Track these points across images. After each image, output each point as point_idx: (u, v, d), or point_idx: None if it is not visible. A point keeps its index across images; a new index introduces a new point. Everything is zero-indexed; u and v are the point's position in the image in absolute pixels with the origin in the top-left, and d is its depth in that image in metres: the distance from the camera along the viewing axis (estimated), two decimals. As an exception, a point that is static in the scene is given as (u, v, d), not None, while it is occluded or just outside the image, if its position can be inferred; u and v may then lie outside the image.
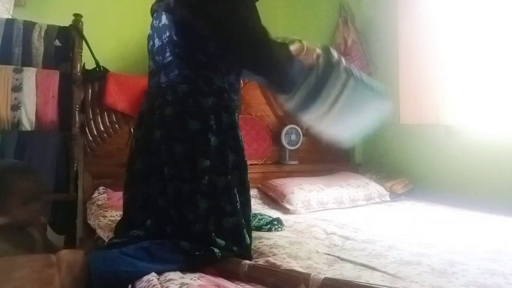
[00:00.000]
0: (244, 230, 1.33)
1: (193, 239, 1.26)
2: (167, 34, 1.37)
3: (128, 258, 1.18)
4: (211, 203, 1.28)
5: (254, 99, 2.82)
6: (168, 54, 1.37)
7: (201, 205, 1.27)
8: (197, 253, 1.23)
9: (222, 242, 1.27)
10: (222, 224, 1.29)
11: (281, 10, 3.01)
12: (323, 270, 1.30)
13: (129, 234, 1.37)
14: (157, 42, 1.42)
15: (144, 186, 1.40)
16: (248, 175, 1.41)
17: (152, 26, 1.47)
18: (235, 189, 1.33)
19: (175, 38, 1.34)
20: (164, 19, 1.38)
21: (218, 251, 1.24)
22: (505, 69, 2.18)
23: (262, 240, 1.60)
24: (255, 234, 1.68)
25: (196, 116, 1.30)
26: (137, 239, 1.31)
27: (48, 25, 2.13)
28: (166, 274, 1.18)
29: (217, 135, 1.32)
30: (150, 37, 1.47)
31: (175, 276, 1.16)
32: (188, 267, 1.22)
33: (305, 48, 1.44)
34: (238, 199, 1.33)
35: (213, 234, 1.26)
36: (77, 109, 2.15)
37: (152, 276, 1.14)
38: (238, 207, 1.32)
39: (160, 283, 1.11)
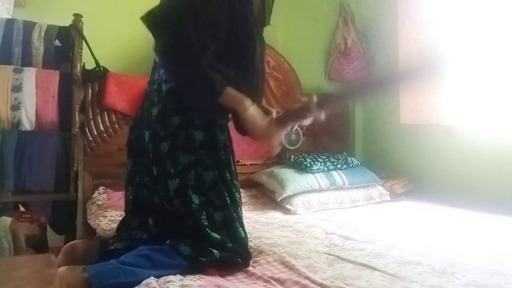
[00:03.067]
0: (237, 223, 1.33)
1: (190, 235, 1.27)
2: None
3: (128, 267, 1.17)
4: (201, 198, 1.29)
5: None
6: None
7: (194, 200, 1.28)
8: (201, 259, 1.23)
9: (217, 237, 1.27)
10: (214, 219, 1.30)
11: (281, 10, 3.01)
12: (323, 269, 1.30)
13: (131, 236, 1.37)
14: None
15: (135, 186, 1.41)
16: (232, 173, 1.39)
17: None
18: (223, 185, 1.33)
19: None
20: None
21: (216, 252, 1.25)
22: (505, 69, 2.18)
23: (262, 239, 1.60)
24: (255, 233, 1.68)
25: (177, 111, 1.32)
26: (139, 242, 1.31)
27: (48, 25, 2.13)
28: (165, 276, 1.18)
29: (201, 129, 1.32)
30: None
31: (174, 278, 1.16)
32: (189, 272, 1.22)
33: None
34: (226, 194, 1.33)
35: (207, 229, 1.27)
36: (77, 109, 2.15)
37: (151, 279, 1.14)
38: (228, 202, 1.33)
39: (159, 285, 1.11)
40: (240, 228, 1.34)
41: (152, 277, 1.15)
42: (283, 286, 1.14)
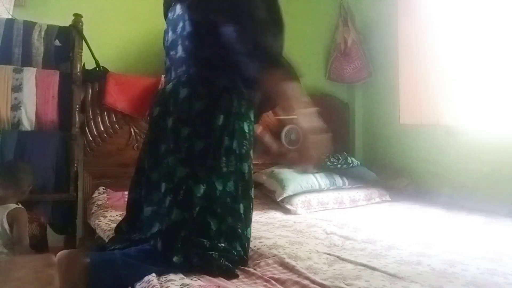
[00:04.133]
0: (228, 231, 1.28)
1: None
2: (181, 25, 1.34)
3: (130, 260, 1.17)
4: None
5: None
6: (179, 47, 1.34)
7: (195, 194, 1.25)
8: (196, 264, 1.21)
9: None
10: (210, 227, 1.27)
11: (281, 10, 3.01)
12: (323, 269, 1.30)
13: (131, 238, 1.36)
14: (171, 35, 1.39)
15: (152, 189, 1.36)
16: (243, 182, 1.34)
17: (167, 20, 1.45)
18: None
19: (188, 29, 1.31)
20: (178, 9, 1.36)
21: (215, 253, 1.21)
22: (505, 69, 2.18)
23: (262, 240, 1.60)
24: (255, 233, 1.68)
25: (187, 122, 1.28)
26: (139, 243, 1.30)
27: (48, 25, 2.13)
28: (166, 274, 1.17)
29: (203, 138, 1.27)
30: (166, 32, 1.45)
31: (175, 277, 1.16)
32: (188, 270, 1.21)
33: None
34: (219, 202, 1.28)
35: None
36: (77, 109, 2.15)
37: (152, 277, 1.14)
38: (219, 211, 1.27)
39: (160, 283, 1.11)
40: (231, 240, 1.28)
41: (153, 274, 1.15)
42: (283, 286, 1.14)
